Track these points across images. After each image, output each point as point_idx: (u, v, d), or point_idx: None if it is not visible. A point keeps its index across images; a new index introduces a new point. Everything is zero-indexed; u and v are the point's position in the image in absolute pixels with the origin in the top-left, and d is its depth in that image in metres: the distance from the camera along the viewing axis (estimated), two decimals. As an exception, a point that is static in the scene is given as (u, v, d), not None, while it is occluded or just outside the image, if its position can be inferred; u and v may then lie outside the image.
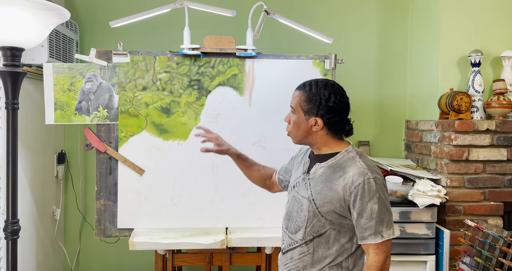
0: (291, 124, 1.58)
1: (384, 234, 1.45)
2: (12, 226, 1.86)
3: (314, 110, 1.52)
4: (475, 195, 2.45)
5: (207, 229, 2.34)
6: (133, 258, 3.02)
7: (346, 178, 1.48)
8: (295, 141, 1.60)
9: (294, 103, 1.56)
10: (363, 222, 1.45)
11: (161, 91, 2.32)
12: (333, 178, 1.50)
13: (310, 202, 1.53)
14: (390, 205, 1.49)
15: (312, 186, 1.54)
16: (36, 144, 2.61)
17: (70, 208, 3.00)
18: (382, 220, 1.45)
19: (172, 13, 2.49)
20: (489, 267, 2.18)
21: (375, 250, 1.46)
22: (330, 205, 1.49)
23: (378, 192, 1.45)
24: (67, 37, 2.66)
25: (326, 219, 1.51)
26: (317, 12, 3.04)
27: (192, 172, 2.34)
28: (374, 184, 1.45)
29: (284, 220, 1.65)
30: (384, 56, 3.08)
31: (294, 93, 1.58)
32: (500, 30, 2.64)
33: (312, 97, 1.52)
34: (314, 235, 1.53)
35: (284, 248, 1.62)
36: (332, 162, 1.54)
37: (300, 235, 1.55)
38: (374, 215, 1.44)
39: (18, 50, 1.82)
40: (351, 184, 1.46)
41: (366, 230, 1.45)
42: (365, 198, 1.44)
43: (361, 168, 1.48)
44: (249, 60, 2.35)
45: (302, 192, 1.57)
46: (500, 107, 2.47)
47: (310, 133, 1.55)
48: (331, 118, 1.53)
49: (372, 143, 3.07)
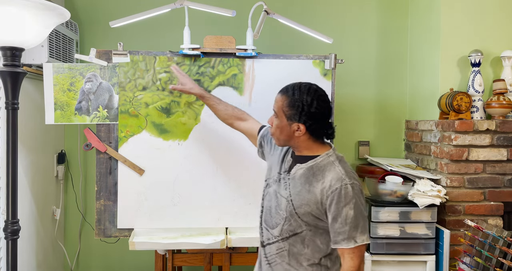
0: (274, 127, 1.60)
1: (357, 239, 1.48)
2: (12, 226, 1.86)
3: (297, 116, 1.53)
4: (475, 195, 2.45)
5: (207, 229, 2.34)
6: (133, 258, 3.02)
7: (325, 181, 1.51)
8: (278, 144, 1.63)
9: (277, 107, 1.58)
10: (337, 226, 1.48)
11: (161, 91, 2.32)
12: (312, 180, 1.53)
13: (288, 202, 1.56)
14: (365, 211, 1.52)
15: (291, 186, 1.57)
16: (36, 144, 2.61)
17: (70, 208, 3.00)
18: (356, 226, 1.47)
19: (172, 13, 2.48)
20: (489, 267, 2.18)
21: (350, 254, 1.49)
22: (307, 207, 1.52)
23: (354, 198, 1.48)
24: (67, 37, 2.66)
25: (302, 220, 1.55)
26: (317, 12, 3.04)
27: (192, 172, 2.34)
28: (351, 189, 1.48)
29: (263, 215, 1.69)
30: (384, 56, 3.08)
31: (277, 97, 1.59)
32: (500, 30, 2.64)
33: (294, 103, 1.53)
34: (291, 233, 1.57)
35: (263, 241, 1.68)
36: (312, 164, 1.56)
37: (277, 231, 1.60)
38: (348, 220, 1.47)
39: (18, 50, 1.82)
40: (329, 188, 1.49)
41: (340, 235, 1.49)
42: (341, 203, 1.47)
43: (339, 173, 1.51)
44: (249, 60, 2.35)
45: (282, 191, 1.60)
46: (500, 107, 2.47)
47: (292, 137, 1.57)
48: (313, 124, 1.53)
49: (372, 143, 3.07)
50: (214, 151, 2.33)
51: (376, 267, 2.41)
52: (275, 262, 1.62)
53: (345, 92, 3.03)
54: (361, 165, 2.91)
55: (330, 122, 1.60)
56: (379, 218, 2.38)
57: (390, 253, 2.38)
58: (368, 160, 2.89)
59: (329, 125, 1.59)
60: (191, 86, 2.09)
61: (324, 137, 1.60)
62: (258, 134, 1.87)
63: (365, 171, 2.80)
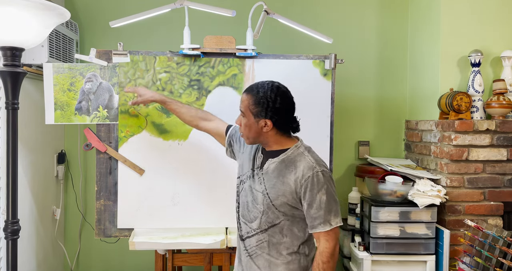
0: (242, 126, 1.67)
1: (332, 222, 1.59)
2: (12, 226, 1.86)
3: (263, 112, 1.61)
4: (475, 195, 2.45)
5: (207, 229, 2.34)
6: (133, 258, 3.02)
7: (297, 171, 1.60)
8: (248, 142, 1.70)
9: (243, 107, 1.65)
10: (313, 212, 1.59)
11: (161, 91, 2.32)
12: (286, 172, 1.62)
13: (264, 196, 1.64)
14: (336, 195, 1.62)
15: (266, 180, 1.65)
16: (36, 144, 2.61)
17: (70, 208, 3.01)
18: (330, 210, 1.58)
19: (172, 13, 2.48)
20: (489, 267, 2.18)
21: (326, 237, 1.59)
22: (283, 197, 1.61)
23: (326, 184, 1.59)
24: (67, 37, 2.66)
25: (279, 211, 1.63)
26: (317, 12, 3.04)
27: (192, 172, 2.34)
28: (322, 176, 1.58)
29: (240, 209, 1.76)
30: (384, 56, 3.08)
31: (243, 97, 1.67)
32: (500, 30, 2.64)
33: (259, 100, 1.61)
34: (269, 225, 1.65)
35: (242, 235, 1.74)
36: (284, 157, 1.65)
37: (255, 224, 1.68)
38: (323, 205, 1.58)
39: (18, 50, 1.82)
40: (301, 177, 1.59)
41: (316, 219, 1.59)
42: (314, 190, 1.58)
43: (310, 162, 1.61)
44: (249, 60, 2.35)
45: (257, 186, 1.67)
46: (500, 107, 2.47)
47: (261, 134, 1.65)
48: (279, 119, 1.62)
49: (372, 143, 3.07)
50: (214, 150, 2.33)
51: (376, 267, 2.41)
52: (256, 254, 1.69)
53: (345, 92, 3.03)
54: (361, 165, 2.91)
55: (295, 117, 1.68)
56: (379, 218, 2.38)
57: (390, 253, 2.38)
58: (368, 160, 2.89)
59: (293, 120, 1.67)
60: (151, 95, 2.10)
61: (290, 131, 1.69)
62: (226, 134, 1.94)
63: (365, 171, 2.80)
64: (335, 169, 2.96)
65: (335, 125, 2.60)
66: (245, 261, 1.73)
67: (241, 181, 1.77)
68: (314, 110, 2.38)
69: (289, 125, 1.66)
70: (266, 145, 1.69)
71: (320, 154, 2.34)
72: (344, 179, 3.05)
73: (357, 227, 2.65)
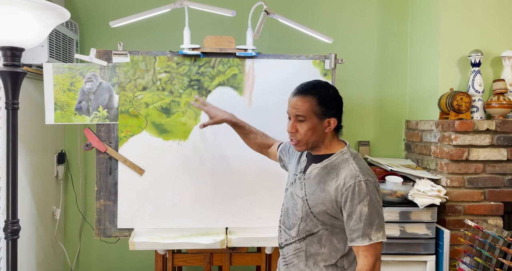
0: (303, 132, 1.54)
1: (372, 237, 1.45)
2: (12, 226, 1.86)
3: (328, 111, 1.53)
4: (475, 195, 2.45)
5: (207, 229, 2.34)
6: (133, 258, 3.02)
7: (339, 179, 1.50)
8: (305, 148, 1.59)
9: (305, 110, 1.53)
10: (352, 223, 1.47)
11: (161, 91, 2.32)
12: (327, 179, 1.53)
13: (304, 202, 1.56)
14: (382, 209, 1.50)
15: (306, 186, 1.57)
16: (36, 144, 2.61)
17: (70, 208, 3.00)
18: (371, 223, 1.46)
19: (172, 13, 2.48)
20: (489, 267, 2.17)
21: (364, 252, 1.46)
22: (322, 205, 1.52)
23: (369, 195, 1.46)
24: (67, 37, 2.66)
25: (318, 220, 1.54)
26: (317, 12, 3.04)
27: (192, 172, 2.34)
28: (365, 186, 1.46)
29: (282, 216, 1.68)
30: (384, 56, 3.08)
31: (299, 101, 1.55)
32: (500, 30, 2.63)
33: (324, 99, 1.53)
34: (307, 233, 1.56)
35: (281, 243, 1.67)
36: (327, 163, 1.56)
37: (294, 232, 1.59)
38: (363, 218, 1.45)
39: (18, 50, 1.82)
40: (343, 186, 1.48)
41: (355, 232, 1.47)
42: (355, 200, 1.46)
43: (353, 170, 1.50)
44: (249, 60, 2.35)
45: (298, 191, 1.60)
46: (500, 107, 2.47)
47: (323, 136, 1.56)
48: (339, 117, 1.57)
49: (372, 143, 3.07)
50: (214, 150, 2.33)
51: (376, 267, 2.41)
52: (292, 263, 1.61)
53: (345, 92, 2.98)
54: (361, 165, 2.90)
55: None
56: (379, 218, 2.38)
57: (390, 253, 2.38)
58: (368, 160, 2.89)
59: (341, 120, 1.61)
60: (223, 118, 1.94)
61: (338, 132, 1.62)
62: (277, 152, 1.89)
63: (365, 171, 2.79)
64: (335, 169, 2.95)
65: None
66: (282, 269, 1.66)
67: (286, 189, 1.70)
68: (314, 110, 2.37)
69: (340, 126, 1.60)
70: (316, 149, 1.59)
71: (320, 154, 2.35)
72: (344, 179, 3.05)
73: (357, 227, 2.65)
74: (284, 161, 1.85)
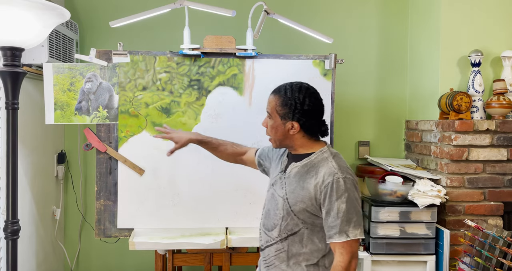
0: (269, 129, 1.62)
1: (349, 234, 1.47)
2: (12, 226, 1.86)
3: (290, 114, 1.56)
4: (475, 195, 2.45)
5: (207, 229, 2.34)
6: (133, 258, 3.02)
7: (318, 177, 1.53)
8: (275, 145, 1.65)
9: (270, 108, 1.60)
10: (330, 220, 1.49)
11: (161, 91, 2.32)
12: (306, 177, 1.55)
13: (284, 201, 1.58)
14: (359, 206, 1.52)
15: (287, 185, 1.60)
16: (36, 144, 2.61)
17: (70, 208, 3.00)
18: (349, 220, 1.47)
19: (172, 13, 2.48)
20: (489, 267, 2.18)
21: (340, 249, 1.48)
22: (302, 203, 1.54)
23: (347, 192, 1.48)
24: (67, 37, 2.66)
25: (298, 218, 1.56)
26: (317, 12, 3.04)
27: (192, 172, 2.34)
28: (343, 183, 1.48)
29: (263, 218, 1.70)
30: (384, 56, 3.07)
31: (270, 98, 1.61)
32: (500, 30, 2.63)
33: (287, 101, 1.56)
34: (288, 233, 1.58)
35: (262, 245, 1.68)
36: (307, 161, 1.59)
37: (275, 232, 1.61)
38: (340, 214, 1.47)
39: (18, 50, 1.82)
40: (322, 183, 1.51)
41: (332, 229, 1.48)
42: (333, 197, 1.48)
43: (332, 168, 1.52)
44: (249, 60, 2.35)
45: (279, 191, 1.62)
46: (500, 107, 2.47)
47: (287, 136, 1.60)
48: (306, 121, 1.56)
49: (372, 143, 3.07)
50: (214, 151, 2.33)
51: (376, 267, 2.41)
52: (274, 264, 1.62)
53: (345, 92, 3.03)
54: (361, 165, 2.91)
55: (323, 120, 1.62)
56: (379, 218, 2.38)
57: (390, 253, 2.38)
58: (368, 160, 2.89)
59: (322, 123, 1.61)
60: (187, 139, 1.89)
61: (318, 134, 1.62)
62: (255, 158, 1.88)
63: (365, 171, 2.80)
64: (335, 169, 2.95)
65: (335, 125, 2.60)
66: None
67: (267, 190, 1.72)
68: (314, 110, 2.37)
69: (317, 128, 1.60)
70: (292, 148, 1.63)
71: (320, 154, 2.35)
72: (344, 179, 3.04)
73: (357, 227, 2.65)
74: (264, 166, 1.85)
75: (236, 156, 1.94)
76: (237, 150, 1.94)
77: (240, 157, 1.94)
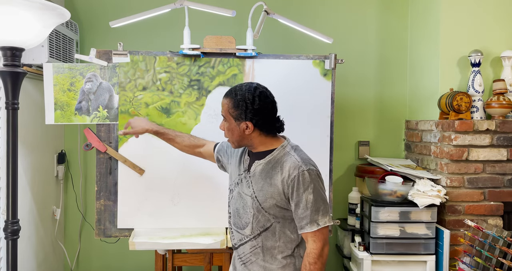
0: (226, 131, 1.66)
1: (319, 222, 1.56)
2: (12, 226, 1.86)
3: (243, 115, 1.59)
4: (475, 195, 2.45)
5: (207, 229, 2.34)
6: (133, 258, 3.02)
7: (284, 172, 1.58)
8: (234, 146, 1.69)
9: (224, 111, 1.64)
10: (300, 212, 1.56)
11: (161, 91, 2.32)
12: (272, 173, 1.60)
13: (253, 199, 1.62)
14: (325, 194, 1.59)
15: (253, 183, 1.63)
16: (36, 144, 2.61)
17: (70, 208, 3.01)
18: (317, 209, 1.55)
19: (172, 13, 2.49)
20: (489, 267, 2.18)
21: (313, 237, 1.56)
22: (272, 199, 1.59)
23: (312, 183, 1.55)
24: (67, 37, 2.66)
25: (269, 214, 1.61)
26: (317, 12, 3.04)
27: (192, 171, 2.34)
28: (308, 175, 1.55)
29: (232, 217, 1.73)
30: (384, 56, 3.08)
31: (222, 101, 1.65)
32: (500, 30, 2.64)
33: (238, 103, 1.59)
34: (261, 229, 1.63)
35: (235, 244, 1.73)
36: (270, 158, 1.63)
37: (248, 230, 1.66)
38: (309, 205, 1.55)
39: (18, 50, 1.82)
40: (288, 177, 1.56)
41: (303, 219, 1.56)
42: (300, 189, 1.55)
43: (296, 162, 1.58)
44: (249, 60, 2.35)
45: (245, 190, 1.66)
46: (500, 107, 2.47)
47: (244, 137, 1.63)
48: (260, 119, 1.60)
49: (372, 143, 3.07)
50: (214, 151, 2.33)
51: (376, 267, 2.41)
52: (250, 261, 1.67)
53: (345, 92, 3.03)
54: (361, 165, 2.91)
55: (277, 117, 1.66)
56: (379, 218, 2.38)
57: (390, 253, 2.38)
58: (368, 160, 2.89)
59: (276, 119, 1.65)
60: (143, 127, 2.00)
61: (275, 131, 1.66)
62: (214, 151, 1.92)
63: (365, 171, 2.80)
64: (335, 169, 2.95)
65: (335, 125, 2.60)
66: (240, 269, 1.71)
67: (230, 190, 1.75)
68: (314, 110, 2.38)
69: (272, 125, 1.64)
70: (252, 147, 1.67)
71: (320, 154, 2.35)
72: (344, 179, 3.05)
73: (357, 227, 2.65)
74: (222, 161, 1.88)
75: (194, 148, 1.98)
76: (195, 142, 1.99)
77: (198, 149, 1.98)
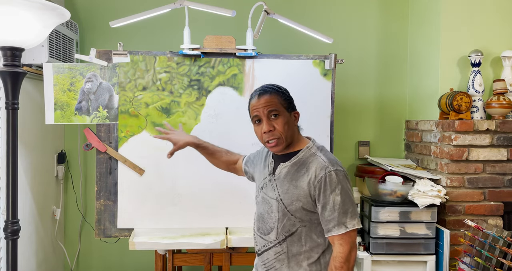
0: (280, 127, 1.56)
1: (348, 225, 1.49)
2: (12, 226, 1.86)
3: (292, 104, 1.62)
4: (475, 195, 2.45)
5: (207, 229, 2.34)
6: (133, 258, 3.02)
7: (310, 173, 1.53)
8: (285, 144, 1.59)
9: (275, 106, 1.57)
10: (327, 214, 1.50)
11: (161, 91, 2.32)
12: (298, 175, 1.55)
13: (278, 202, 1.57)
14: (353, 196, 1.54)
15: (279, 186, 1.59)
16: (36, 144, 2.61)
17: (70, 208, 3.01)
18: (345, 211, 1.49)
19: (172, 13, 2.49)
20: (489, 267, 2.18)
21: (340, 241, 1.49)
22: (298, 202, 1.54)
23: (340, 184, 1.50)
24: (67, 37, 2.66)
25: (295, 217, 1.56)
26: (317, 12, 3.04)
27: (192, 172, 2.34)
28: (335, 176, 1.50)
29: (256, 222, 1.68)
30: (384, 56, 3.08)
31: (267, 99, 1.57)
32: (500, 30, 2.64)
33: (284, 94, 1.61)
34: (286, 234, 1.57)
35: (259, 250, 1.66)
36: (295, 160, 1.59)
37: (273, 235, 1.59)
38: (336, 207, 1.49)
39: (18, 50, 1.82)
40: (314, 179, 1.51)
41: (330, 222, 1.50)
42: (328, 191, 1.49)
43: (322, 162, 1.53)
44: (249, 60, 2.35)
45: (270, 193, 1.61)
46: (500, 107, 2.47)
47: (295, 130, 1.62)
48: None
49: (372, 143, 3.07)
50: (214, 151, 2.33)
51: (376, 267, 2.41)
52: (274, 268, 1.60)
53: (345, 92, 3.03)
54: (361, 165, 2.91)
55: None
56: (379, 218, 2.38)
57: (390, 253, 2.38)
58: (368, 160, 2.89)
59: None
60: (186, 141, 1.90)
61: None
62: (242, 165, 1.90)
63: (365, 171, 2.80)
64: (335, 169, 2.95)
65: (335, 125, 2.60)
66: None
67: (256, 196, 1.71)
68: (314, 110, 2.38)
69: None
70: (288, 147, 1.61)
71: (320, 154, 2.34)
72: (344, 179, 3.05)
73: (357, 227, 2.65)
74: (249, 173, 1.85)
75: (229, 164, 1.95)
76: (231, 158, 1.95)
77: (233, 166, 1.95)
